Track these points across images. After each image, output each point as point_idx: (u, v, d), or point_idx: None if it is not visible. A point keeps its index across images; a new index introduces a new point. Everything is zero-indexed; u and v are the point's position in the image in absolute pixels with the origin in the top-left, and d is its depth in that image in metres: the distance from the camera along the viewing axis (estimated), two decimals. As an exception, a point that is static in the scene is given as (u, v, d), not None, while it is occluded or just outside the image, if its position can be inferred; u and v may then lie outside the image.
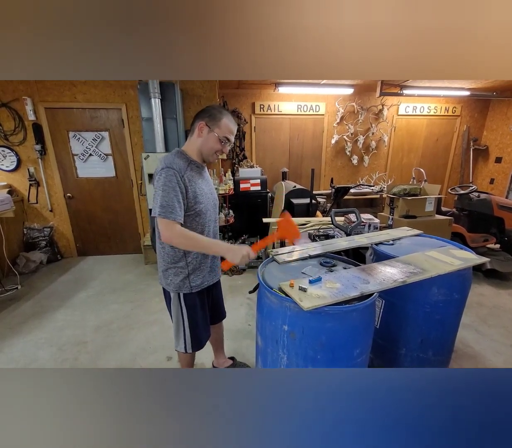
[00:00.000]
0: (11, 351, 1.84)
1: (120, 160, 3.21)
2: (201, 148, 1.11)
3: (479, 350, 1.80)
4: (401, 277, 1.10)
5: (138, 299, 2.46)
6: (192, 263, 1.18)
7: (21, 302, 2.43)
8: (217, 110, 1.09)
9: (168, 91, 2.65)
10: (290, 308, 0.97)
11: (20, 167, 3.06)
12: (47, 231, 3.23)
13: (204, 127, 1.08)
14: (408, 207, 2.55)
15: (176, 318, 1.23)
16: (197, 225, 1.14)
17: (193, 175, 1.10)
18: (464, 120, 4.35)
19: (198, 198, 1.11)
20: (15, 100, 2.86)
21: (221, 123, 1.07)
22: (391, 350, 1.48)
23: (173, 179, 1.03)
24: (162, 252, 1.18)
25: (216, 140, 1.09)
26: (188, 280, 1.19)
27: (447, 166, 4.56)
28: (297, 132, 4.09)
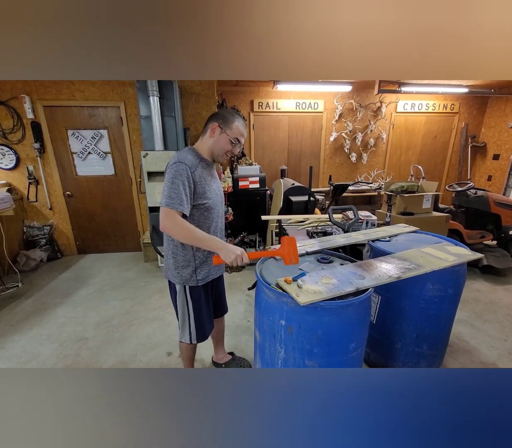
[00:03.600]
0: (13, 347, 1.87)
1: (119, 158, 3.21)
2: (213, 148, 1.16)
3: (474, 345, 1.83)
4: (396, 273, 1.12)
5: (138, 296, 2.48)
6: (199, 257, 1.21)
7: (22, 299, 2.45)
8: (230, 113, 1.15)
9: (167, 89, 2.65)
10: (287, 303, 0.99)
11: (19, 166, 3.06)
12: (47, 229, 3.24)
13: (216, 128, 1.13)
14: (406, 204, 2.56)
15: (181, 310, 1.27)
16: (206, 220, 1.19)
17: (203, 172, 1.15)
18: (462, 117, 4.35)
19: (207, 194, 1.16)
20: (13, 98, 2.86)
21: (233, 125, 1.13)
22: (387, 345, 1.51)
23: (184, 173, 1.07)
24: (171, 244, 1.21)
25: (227, 140, 1.14)
26: (195, 273, 1.22)
27: (445, 163, 4.58)
28: (296, 129, 4.10)
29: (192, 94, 3.10)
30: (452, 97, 4.19)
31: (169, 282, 1.28)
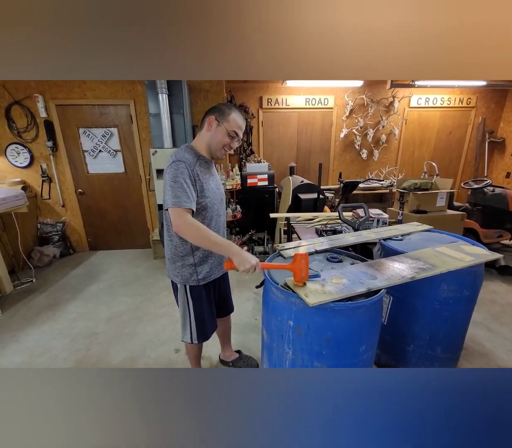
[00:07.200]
0: (26, 340, 1.92)
1: (129, 156, 3.24)
2: (210, 142, 1.13)
3: (490, 348, 1.77)
4: (410, 273, 1.08)
5: (147, 293, 2.51)
6: (199, 256, 1.19)
7: (36, 294, 2.52)
8: (227, 106, 1.12)
9: (175, 87, 2.64)
10: (295, 303, 0.97)
11: (33, 164, 3.13)
12: (59, 226, 3.31)
13: (213, 121, 1.10)
14: (419, 202, 2.49)
15: (182, 310, 1.26)
16: (204, 219, 1.16)
17: (201, 170, 1.12)
18: (479, 112, 4.18)
19: (205, 192, 1.12)
20: (27, 97, 2.91)
21: (230, 118, 1.10)
22: (399, 347, 1.47)
23: (185, 171, 1.05)
24: (170, 244, 1.20)
25: (224, 133, 1.11)
26: (196, 273, 1.20)
27: (460, 159, 4.42)
28: (305, 126, 4.03)
29: (200, 91, 3.09)
30: (468, 90, 4.03)
31: (171, 281, 1.27)
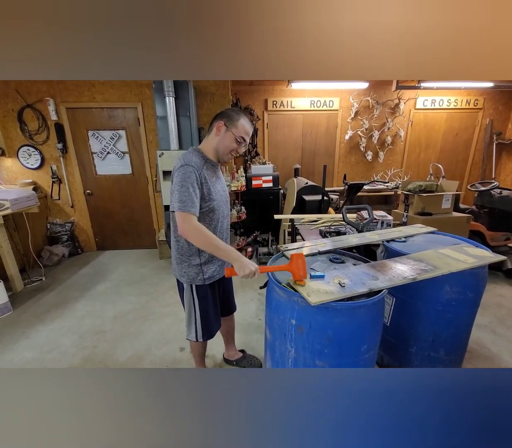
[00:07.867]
0: (36, 337, 1.97)
1: (136, 158, 3.30)
2: (218, 146, 1.16)
3: (496, 352, 1.75)
4: (412, 274, 1.09)
5: (152, 292, 2.55)
6: (205, 257, 1.22)
7: (45, 292, 2.58)
8: (235, 112, 1.15)
9: (182, 89, 2.69)
10: (298, 302, 0.99)
11: (44, 165, 3.22)
12: (68, 226, 3.39)
13: (222, 127, 1.13)
14: (424, 204, 2.48)
15: (188, 308, 1.29)
16: (211, 221, 1.19)
17: (208, 173, 1.15)
18: (487, 113, 4.14)
19: (212, 195, 1.16)
20: (38, 101, 3.00)
21: (238, 124, 1.13)
22: (402, 348, 1.47)
23: (192, 175, 1.08)
24: (177, 245, 1.23)
25: (232, 139, 1.14)
26: (202, 273, 1.23)
27: (467, 161, 4.37)
28: (310, 128, 4.05)
29: (206, 94, 3.13)
30: (476, 92, 4.00)
31: (177, 280, 1.30)
